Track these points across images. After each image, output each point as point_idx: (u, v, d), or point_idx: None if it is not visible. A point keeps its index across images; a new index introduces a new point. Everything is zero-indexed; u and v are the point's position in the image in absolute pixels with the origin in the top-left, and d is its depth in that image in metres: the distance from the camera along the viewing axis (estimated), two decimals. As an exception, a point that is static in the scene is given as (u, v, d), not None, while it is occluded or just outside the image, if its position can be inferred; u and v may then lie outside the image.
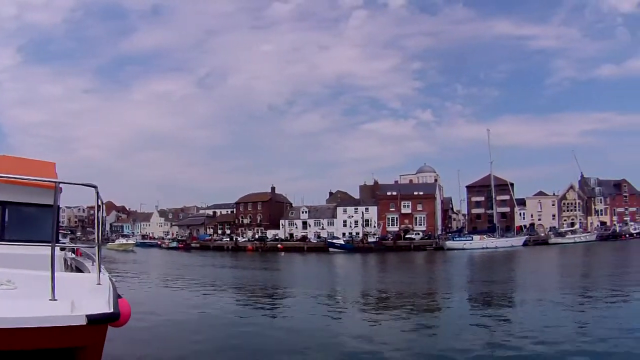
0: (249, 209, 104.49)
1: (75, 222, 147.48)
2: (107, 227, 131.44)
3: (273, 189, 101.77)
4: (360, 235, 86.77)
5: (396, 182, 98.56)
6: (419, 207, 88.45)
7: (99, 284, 4.76)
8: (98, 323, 3.76)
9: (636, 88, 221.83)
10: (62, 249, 7.51)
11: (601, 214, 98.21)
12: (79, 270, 7.40)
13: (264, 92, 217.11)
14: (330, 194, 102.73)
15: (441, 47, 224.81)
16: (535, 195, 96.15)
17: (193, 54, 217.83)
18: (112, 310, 3.90)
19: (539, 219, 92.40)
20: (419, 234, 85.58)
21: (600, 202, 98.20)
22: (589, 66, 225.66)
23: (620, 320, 15.23)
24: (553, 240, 78.95)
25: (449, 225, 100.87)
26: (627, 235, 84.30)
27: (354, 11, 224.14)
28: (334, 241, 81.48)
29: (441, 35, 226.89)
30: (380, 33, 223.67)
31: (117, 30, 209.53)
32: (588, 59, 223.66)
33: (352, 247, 78.04)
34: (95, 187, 4.52)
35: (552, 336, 13.02)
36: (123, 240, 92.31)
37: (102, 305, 3.95)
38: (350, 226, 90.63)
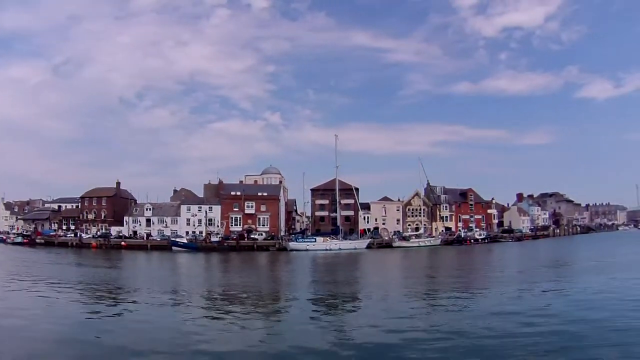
0: (94, 204, 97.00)
1: None
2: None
3: (118, 184, 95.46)
4: (204, 234, 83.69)
5: (241, 182, 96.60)
6: (263, 208, 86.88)
7: None
8: None
9: (488, 105, 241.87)
10: None
11: (447, 220, 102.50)
12: None
13: (117, 85, 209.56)
14: (175, 191, 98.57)
15: (297, 52, 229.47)
16: (380, 200, 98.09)
17: (52, 40, 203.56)
18: None
19: (384, 223, 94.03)
20: (262, 234, 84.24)
21: (446, 209, 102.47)
22: (445, 82, 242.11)
23: (456, 315, 16.73)
24: (397, 243, 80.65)
25: (293, 227, 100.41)
26: (472, 241, 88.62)
27: (217, 9, 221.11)
28: (178, 240, 78.28)
29: (299, 41, 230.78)
30: (240, 33, 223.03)
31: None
32: (445, 75, 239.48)
33: (196, 246, 75.49)
34: None
35: (391, 332, 13.72)
36: None
37: None
38: (194, 225, 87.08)
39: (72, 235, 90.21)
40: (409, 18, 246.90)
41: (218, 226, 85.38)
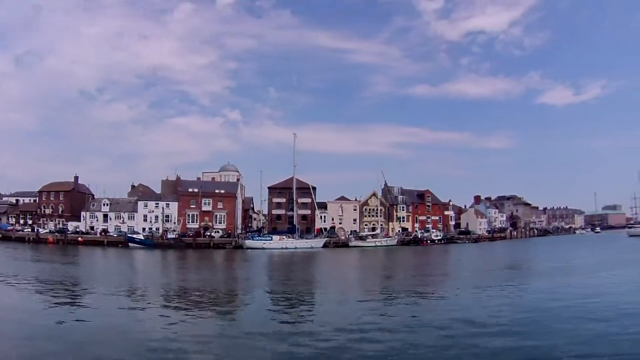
0: (52, 199, 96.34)
1: None
2: None
3: (76, 178, 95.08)
4: (160, 231, 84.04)
5: (199, 178, 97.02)
6: (220, 205, 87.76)
7: None
8: None
9: (447, 108, 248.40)
10: None
11: (404, 221, 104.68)
12: None
13: (79, 77, 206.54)
14: (133, 187, 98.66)
15: (261, 49, 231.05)
16: (337, 199, 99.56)
17: (16, 30, 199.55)
18: None
19: (340, 223, 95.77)
20: (218, 232, 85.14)
21: (403, 210, 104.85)
22: (406, 84, 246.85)
23: (414, 315, 17.09)
24: (354, 243, 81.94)
25: (249, 225, 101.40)
26: (429, 242, 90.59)
27: (182, 3, 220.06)
28: (134, 236, 78.28)
29: (263, 39, 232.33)
30: (203, 29, 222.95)
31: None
32: (405, 77, 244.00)
33: (152, 243, 75.56)
34: None
35: (348, 331, 13.96)
36: None
37: None
38: (151, 221, 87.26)
39: (29, 230, 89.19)
40: (373, 20, 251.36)
41: (175, 223, 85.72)
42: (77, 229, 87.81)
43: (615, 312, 16.86)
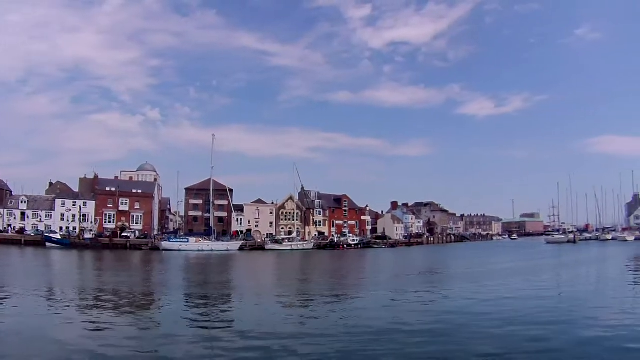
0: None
1: None
2: None
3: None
4: (77, 230, 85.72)
5: (116, 177, 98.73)
6: (137, 206, 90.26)
7: None
8: None
9: (367, 115, 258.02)
10: None
11: (320, 225, 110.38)
12: None
13: (0, 67, 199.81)
14: (51, 184, 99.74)
15: (184, 48, 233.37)
16: (254, 202, 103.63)
17: None
18: None
19: (257, 226, 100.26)
20: (135, 232, 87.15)
21: (320, 214, 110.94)
22: (326, 89, 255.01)
23: (328, 316, 17.62)
24: (270, 246, 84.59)
25: (166, 226, 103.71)
26: (345, 246, 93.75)
27: None
28: (51, 236, 78.81)
29: (186, 37, 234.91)
30: (129, 23, 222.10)
31: None
32: (326, 82, 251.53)
33: (69, 242, 76.33)
34: None
35: (268, 333, 14.14)
36: None
37: None
38: (69, 220, 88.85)
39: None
40: (298, 24, 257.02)
41: (92, 222, 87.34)
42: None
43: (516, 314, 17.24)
